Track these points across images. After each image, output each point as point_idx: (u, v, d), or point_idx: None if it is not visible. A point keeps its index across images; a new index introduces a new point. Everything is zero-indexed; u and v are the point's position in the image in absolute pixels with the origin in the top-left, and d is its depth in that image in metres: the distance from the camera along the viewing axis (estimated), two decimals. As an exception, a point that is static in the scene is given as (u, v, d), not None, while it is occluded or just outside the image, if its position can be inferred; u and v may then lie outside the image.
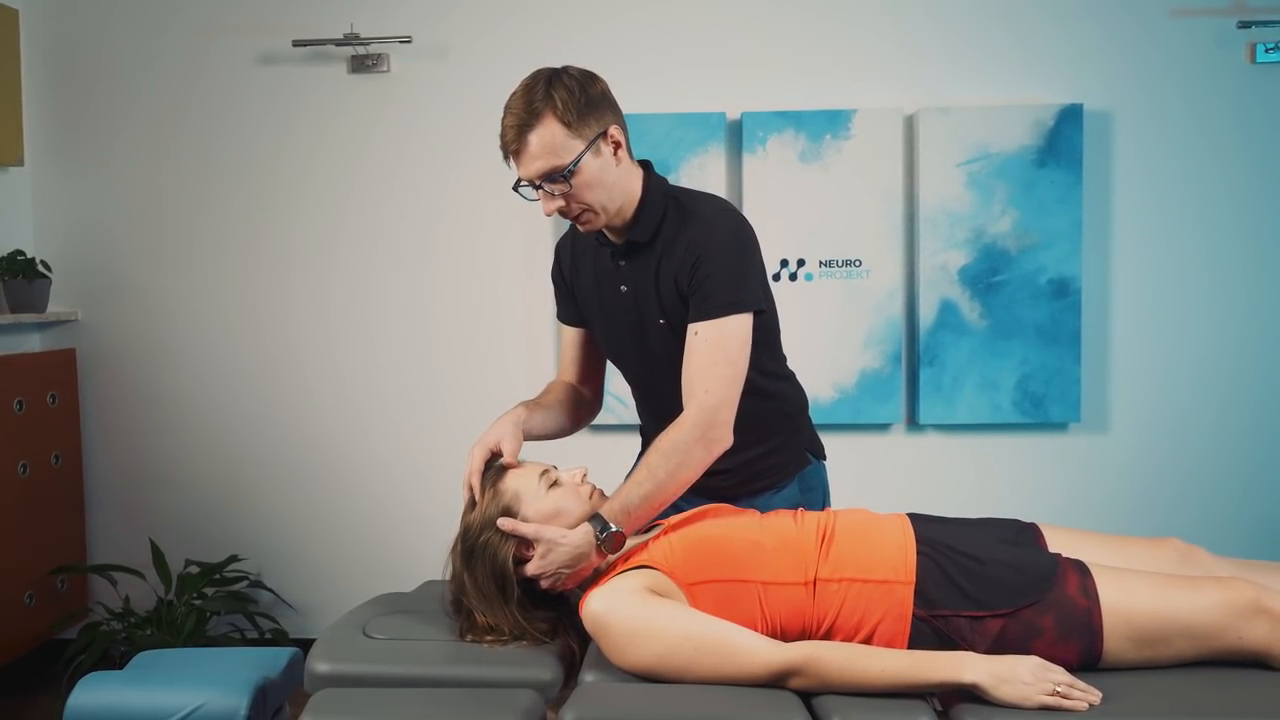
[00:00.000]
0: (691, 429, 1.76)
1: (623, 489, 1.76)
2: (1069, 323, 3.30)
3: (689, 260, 1.81)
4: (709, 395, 1.77)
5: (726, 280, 1.79)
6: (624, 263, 1.91)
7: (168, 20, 3.46)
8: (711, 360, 1.78)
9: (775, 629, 1.65)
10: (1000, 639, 1.59)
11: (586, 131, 1.76)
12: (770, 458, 1.98)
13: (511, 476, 1.79)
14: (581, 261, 2.01)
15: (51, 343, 3.53)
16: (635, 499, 1.73)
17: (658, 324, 1.88)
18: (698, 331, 1.79)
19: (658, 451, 1.76)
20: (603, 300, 1.96)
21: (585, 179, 1.78)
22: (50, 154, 3.51)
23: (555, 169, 1.76)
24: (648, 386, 2.01)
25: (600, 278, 1.96)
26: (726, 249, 1.81)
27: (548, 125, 1.74)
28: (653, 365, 1.94)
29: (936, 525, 1.76)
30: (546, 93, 1.75)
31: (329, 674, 1.67)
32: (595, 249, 1.96)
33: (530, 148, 1.75)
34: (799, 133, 3.32)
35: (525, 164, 1.78)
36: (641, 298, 1.89)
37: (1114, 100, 3.34)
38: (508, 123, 1.77)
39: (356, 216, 3.47)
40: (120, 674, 1.89)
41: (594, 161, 1.78)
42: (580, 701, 1.53)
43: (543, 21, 3.38)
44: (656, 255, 1.86)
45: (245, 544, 3.52)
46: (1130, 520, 3.30)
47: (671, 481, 1.75)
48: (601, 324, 2.00)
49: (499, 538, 1.73)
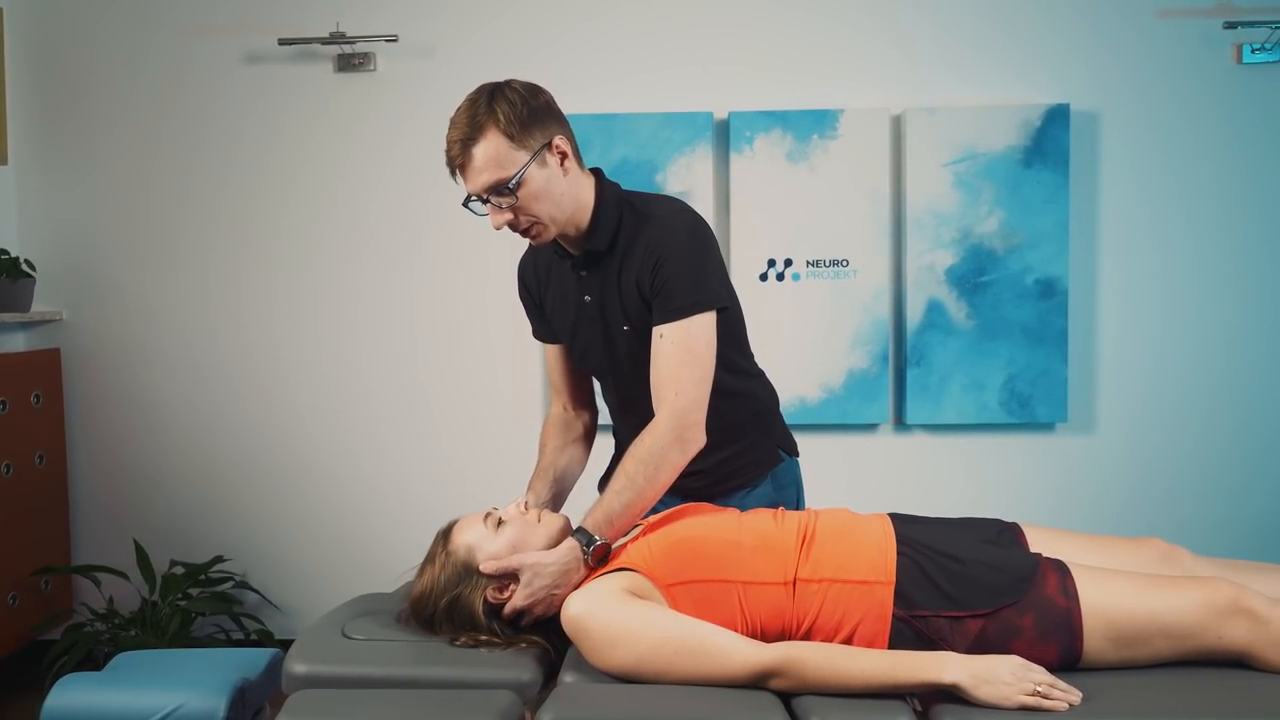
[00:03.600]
0: (665, 433, 1.77)
1: (604, 499, 1.76)
2: (1056, 323, 3.30)
3: (649, 263, 1.81)
4: (679, 397, 1.77)
5: (687, 281, 1.79)
6: (585, 273, 1.91)
7: (153, 19, 3.44)
8: (679, 362, 1.78)
9: (755, 629, 1.64)
10: (980, 639, 1.59)
11: (530, 143, 1.76)
12: (743, 457, 1.98)
13: (456, 534, 1.78)
14: (545, 276, 2.01)
15: (36, 342, 3.52)
16: (617, 508, 1.74)
17: (622, 330, 1.88)
18: (663, 334, 1.79)
19: (634, 459, 1.77)
20: (569, 313, 1.96)
21: (531, 190, 1.77)
22: (35, 153, 3.49)
23: (500, 181, 1.75)
24: (621, 394, 1.99)
25: (565, 289, 1.96)
26: (685, 248, 1.81)
27: (491, 138, 1.74)
28: (622, 373, 1.94)
29: (917, 525, 1.76)
30: (489, 106, 1.75)
31: (306, 675, 1.66)
32: (558, 263, 1.96)
33: (475, 161, 1.75)
34: (786, 132, 3.31)
35: (471, 178, 1.77)
36: (605, 306, 1.89)
37: (1101, 100, 3.34)
38: (452, 137, 1.77)
39: (342, 216, 3.46)
40: (99, 675, 1.88)
41: (539, 173, 1.77)
42: (559, 702, 1.52)
43: (529, 21, 3.37)
44: (617, 261, 1.86)
45: (230, 545, 3.51)
46: (1116, 520, 3.31)
47: (650, 487, 1.77)
48: (571, 337, 1.99)
49: (467, 592, 1.73)
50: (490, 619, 1.73)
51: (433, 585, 1.75)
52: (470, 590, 1.72)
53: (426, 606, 1.76)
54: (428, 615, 1.76)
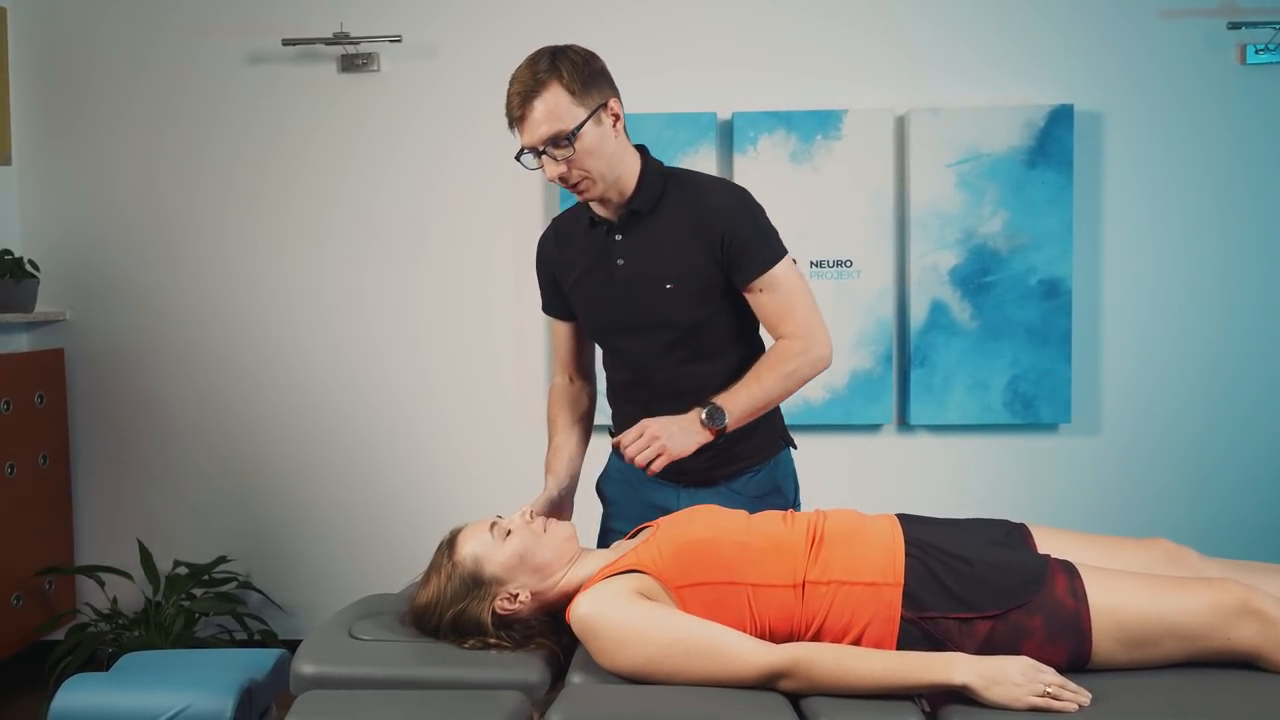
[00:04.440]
0: (802, 345, 1.93)
1: (733, 390, 1.89)
2: (1059, 323, 3.30)
3: (718, 228, 1.91)
4: (801, 325, 1.94)
5: (760, 237, 1.94)
6: (620, 236, 1.97)
7: (157, 19, 3.44)
8: (783, 303, 1.94)
9: (764, 631, 1.64)
10: (989, 640, 1.59)
11: (589, 101, 1.85)
12: (750, 439, 2.01)
13: (461, 544, 1.77)
14: (568, 250, 2.05)
15: (39, 343, 3.51)
16: (743, 398, 1.88)
17: (664, 289, 1.94)
18: (761, 288, 1.93)
19: (766, 364, 1.92)
20: (596, 281, 2.00)
21: (586, 145, 1.85)
22: (38, 153, 3.49)
23: (559, 134, 1.83)
24: (641, 362, 2.02)
25: (592, 258, 2.00)
26: (751, 210, 1.96)
27: (553, 92, 1.82)
28: (653, 338, 1.98)
29: (925, 527, 1.75)
30: (552, 63, 1.84)
31: (314, 675, 1.66)
32: (584, 232, 2.02)
33: (535, 113, 1.83)
34: (790, 133, 3.31)
35: (530, 130, 1.85)
36: (644, 266, 1.95)
37: (1104, 101, 3.34)
38: (513, 90, 1.85)
39: (346, 216, 3.46)
40: (105, 676, 1.88)
41: (595, 130, 1.86)
42: (567, 703, 1.52)
43: (532, 21, 3.37)
44: (659, 224, 1.95)
45: (234, 545, 3.51)
46: (1120, 521, 3.30)
47: (776, 389, 1.92)
48: (595, 307, 2.03)
49: (474, 604, 1.72)
50: (498, 629, 1.72)
51: (438, 597, 1.74)
52: (478, 602, 1.72)
53: (431, 618, 1.75)
54: (432, 626, 1.75)
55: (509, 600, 1.73)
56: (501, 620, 1.73)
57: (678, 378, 1.97)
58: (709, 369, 1.97)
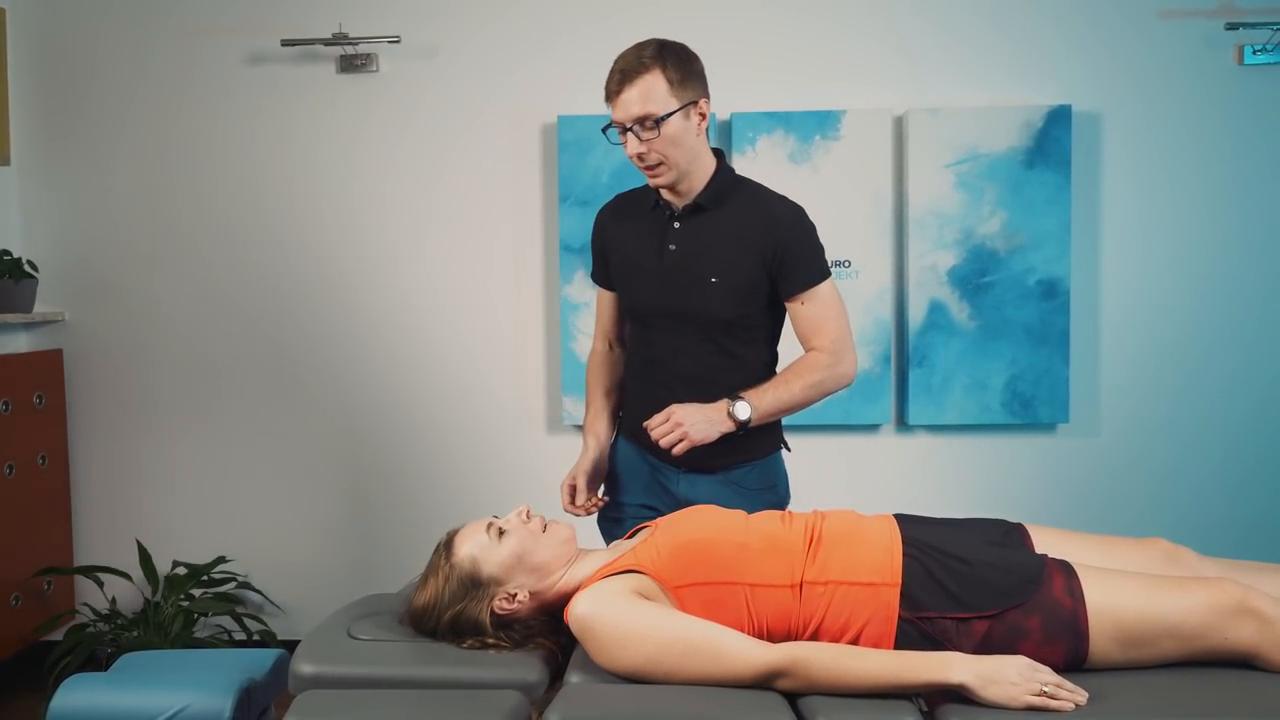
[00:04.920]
0: (830, 359, 2.06)
1: (761, 389, 2.01)
2: (1058, 324, 3.31)
3: (777, 237, 2.04)
4: (834, 340, 2.06)
5: (812, 254, 2.08)
6: (679, 224, 2.08)
7: (156, 20, 3.44)
8: (821, 318, 2.06)
9: (762, 631, 1.64)
10: (986, 640, 1.59)
11: (684, 95, 1.98)
12: (752, 435, 2.06)
13: (458, 545, 1.78)
14: (624, 226, 2.18)
15: (38, 343, 3.52)
16: (769, 399, 2.00)
17: (709, 281, 2.04)
18: (803, 301, 2.06)
19: (794, 370, 2.05)
20: (644, 260, 2.11)
21: (670, 133, 1.97)
22: (37, 154, 3.49)
23: (649, 116, 1.96)
24: (668, 352, 2.11)
25: (646, 238, 2.12)
26: (808, 228, 2.09)
27: (653, 77, 1.96)
28: (684, 327, 2.08)
29: (923, 527, 1.76)
30: (659, 52, 1.99)
31: (313, 675, 1.66)
32: (647, 212, 2.13)
33: (631, 93, 1.96)
34: (788, 133, 3.31)
35: (623, 107, 1.97)
36: (694, 256, 2.06)
37: (1102, 101, 3.34)
38: (617, 67, 1.99)
39: (345, 216, 3.46)
40: (104, 676, 1.88)
41: (682, 122, 1.98)
42: (565, 702, 1.52)
43: (531, 22, 3.38)
44: (718, 220, 2.06)
45: (233, 545, 3.51)
46: (1118, 521, 3.31)
47: (802, 395, 2.04)
48: (638, 284, 2.13)
49: (472, 605, 1.73)
50: (497, 629, 1.73)
51: (437, 598, 1.74)
52: (476, 603, 1.72)
53: (430, 619, 1.75)
54: (431, 627, 1.75)
55: (507, 600, 1.73)
56: (500, 620, 1.73)
57: (698, 368, 2.07)
58: (731, 364, 2.07)
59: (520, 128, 3.41)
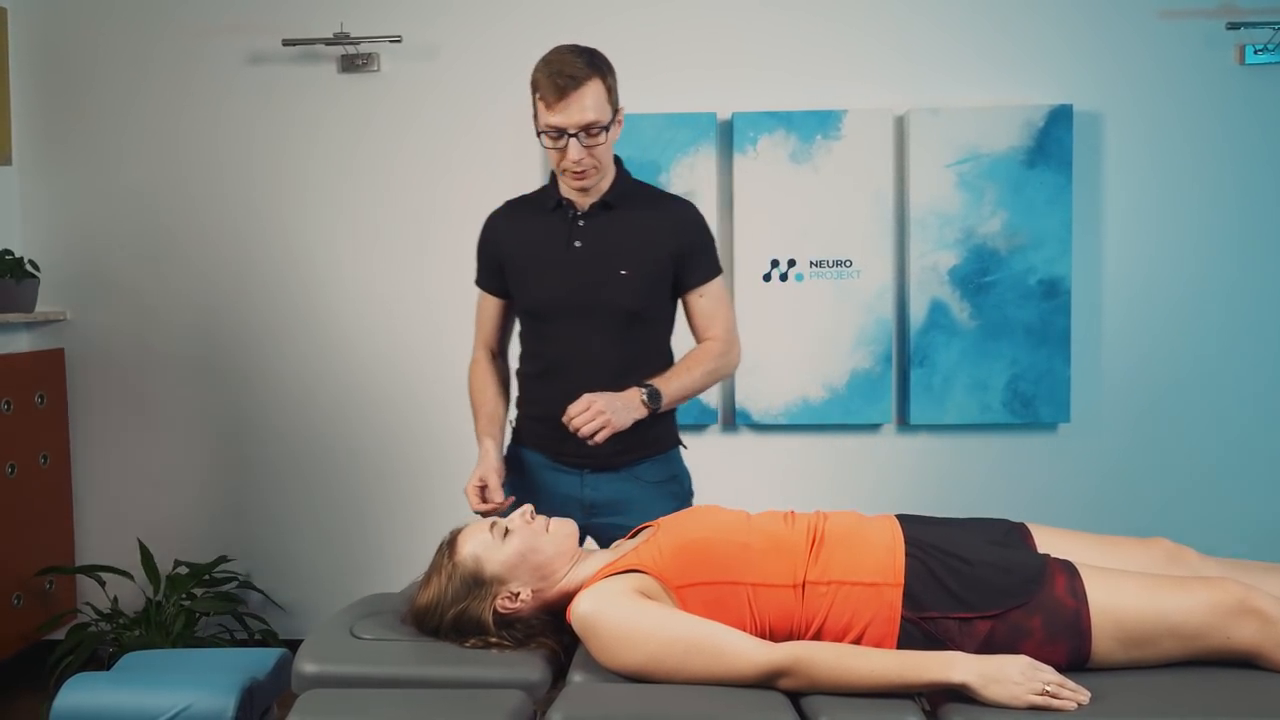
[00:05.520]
0: (724, 348, 2.20)
1: (668, 377, 2.12)
2: (1059, 323, 3.31)
3: (679, 231, 2.16)
4: (726, 330, 2.21)
5: (712, 250, 2.22)
6: (583, 222, 2.14)
7: (157, 19, 3.44)
8: (716, 309, 2.21)
9: (764, 631, 1.65)
10: (989, 640, 1.59)
11: (614, 102, 2.07)
12: (653, 429, 2.15)
13: (461, 544, 1.78)
14: (523, 226, 2.21)
15: (39, 343, 3.52)
16: (675, 386, 2.11)
17: (618, 274, 2.11)
18: (702, 293, 2.19)
19: (696, 358, 2.16)
20: (549, 256, 2.15)
21: (608, 140, 2.06)
22: (38, 153, 3.49)
23: (597, 124, 2.01)
24: (571, 350, 2.15)
25: (550, 236, 2.15)
26: (707, 227, 2.23)
27: (597, 85, 2.01)
28: (589, 321, 2.13)
29: (925, 526, 1.76)
30: (594, 59, 2.03)
31: (316, 675, 1.67)
32: (547, 213, 2.17)
33: (584, 99, 1.99)
34: (790, 133, 3.32)
35: (574, 111, 2.00)
36: (602, 251, 2.12)
37: (1103, 101, 3.34)
38: (565, 71, 1.99)
39: (347, 216, 3.46)
40: (107, 675, 1.88)
41: (614, 129, 2.08)
42: (568, 702, 1.53)
43: (532, 22, 3.37)
44: (624, 217, 2.13)
45: (234, 544, 3.51)
46: (1119, 520, 3.31)
47: (703, 381, 2.16)
48: (543, 280, 2.16)
49: (475, 604, 1.73)
50: (499, 629, 1.73)
51: (440, 597, 1.74)
52: (479, 602, 1.72)
53: (433, 618, 1.75)
54: (433, 626, 1.75)
55: (510, 599, 1.73)
56: (502, 619, 1.74)
57: (601, 364, 2.12)
58: (633, 359, 2.14)
59: (522, 128, 3.36)
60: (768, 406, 3.36)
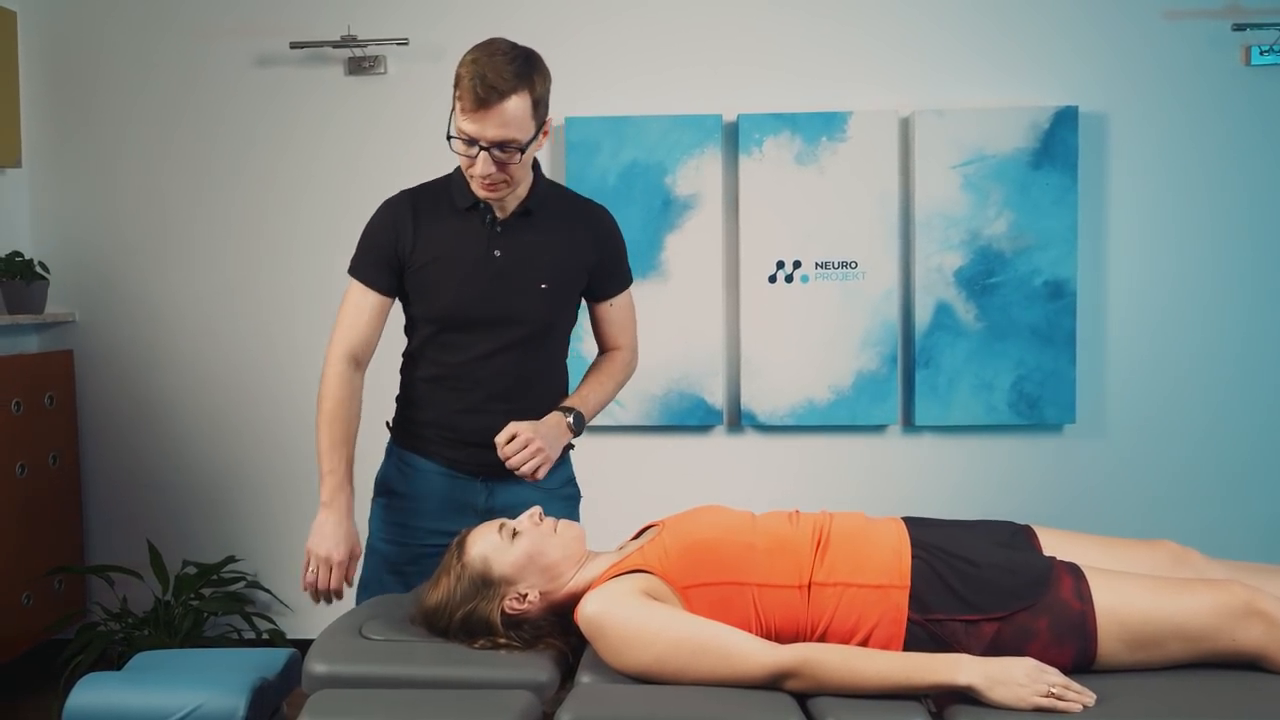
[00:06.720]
0: (631, 357, 2.22)
1: (582, 393, 2.11)
2: (1064, 324, 3.31)
3: (599, 242, 2.10)
4: (633, 339, 2.22)
5: (627, 261, 2.19)
6: (500, 230, 2.02)
7: (165, 22, 3.46)
8: (628, 319, 2.20)
9: (769, 632, 1.65)
10: (995, 642, 1.60)
11: (539, 116, 1.90)
12: None
13: (470, 545, 1.78)
14: (436, 225, 2.03)
15: (49, 344, 3.53)
16: (592, 401, 2.12)
17: (538, 288, 2.03)
18: (613, 303, 2.17)
19: (607, 372, 2.17)
20: (466, 265, 2.01)
21: (526, 159, 1.92)
22: (47, 155, 3.51)
23: (512, 141, 1.86)
24: (476, 360, 2.04)
25: (467, 242, 2.01)
26: (621, 236, 2.17)
27: (521, 99, 1.85)
28: (500, 333, 2.03)
29: (931, 528, 1.76)
30: (527, 70, 1.86)
31: (326, 675, 1.67)
32: (456, 215, 2.02)
33: (504, 115, 1.83)
34: (795, 135, 3.32)
35: (489, 125, 1.84)
36: (522, 262, 2.02)
37: (1109, 102, 3.35)
38: (487, 78, 1.82)
39: (353, 218, 3.43)
40: (119, 675, 1.89)
41: (534, 145, 1.91)
42: (576, 703, 1.53)
43: (538, 23, 3.38)
44: (543, 225, 2.04)
45: (242, 545, 3.52)
46: (1125, 522, 3.31)
47: (614, 392, 2.18)
48: (459, 290, 2.01)
49: (483, 604, 1.74)
50: (507, 629, 1.74)
51: (448, 597, 1.75)
52: (487, 602, 1.73)
53: (441, 618, 1.76)
54: (442, 627, 1.76)
55: (518, 600, 1.74)
56: (510, 620, 1.75)
57: (509, 374, 2.04)
58: (537, 369, 2.09)
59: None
60: (773, 408, 3.37)
